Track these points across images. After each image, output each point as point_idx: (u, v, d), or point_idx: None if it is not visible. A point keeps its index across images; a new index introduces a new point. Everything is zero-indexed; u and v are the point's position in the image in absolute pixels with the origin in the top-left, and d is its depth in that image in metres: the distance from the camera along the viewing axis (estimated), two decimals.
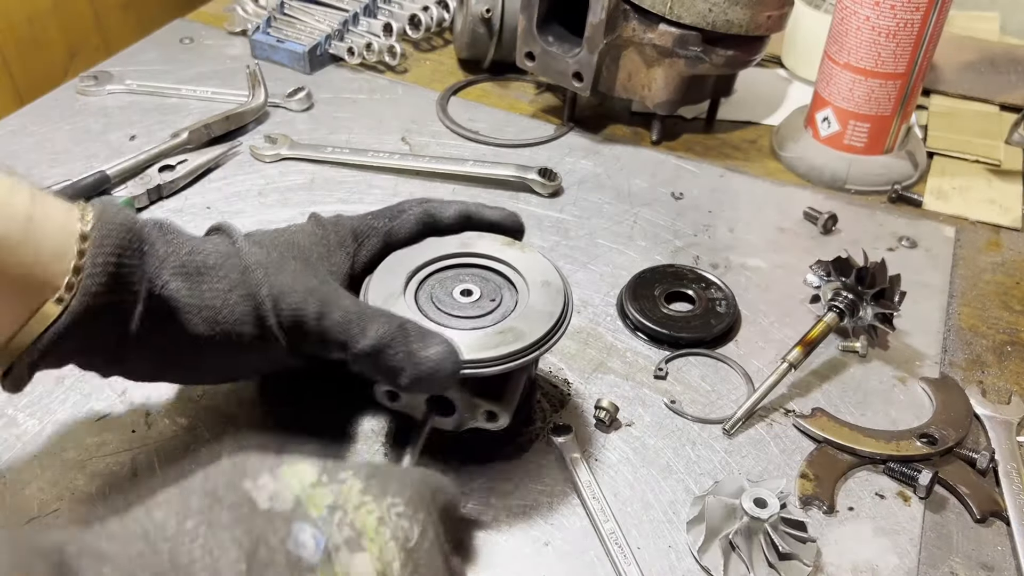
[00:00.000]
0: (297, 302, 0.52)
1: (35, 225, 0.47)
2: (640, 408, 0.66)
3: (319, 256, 0.57)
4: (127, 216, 0.50)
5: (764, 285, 0.78)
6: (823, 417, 0.65)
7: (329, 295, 0.53)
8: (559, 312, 0.56)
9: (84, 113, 0.96)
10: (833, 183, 0.91)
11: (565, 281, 0.58)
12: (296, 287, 0.52)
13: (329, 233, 0.58)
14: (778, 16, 0.89)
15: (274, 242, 0.56)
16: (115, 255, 0.48)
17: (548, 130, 0.98)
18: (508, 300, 0.57)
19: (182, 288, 0.51)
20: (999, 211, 0.88)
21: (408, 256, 0.59)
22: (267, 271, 0.53)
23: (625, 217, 0.86)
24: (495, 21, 1.01)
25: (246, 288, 0.52)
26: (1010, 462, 0.62)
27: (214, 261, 0.53)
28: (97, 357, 0.52)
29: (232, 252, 0.53)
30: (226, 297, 0.52)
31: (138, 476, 0.59)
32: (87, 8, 1.19)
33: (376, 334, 0.51)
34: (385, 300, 0.55)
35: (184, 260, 0.52)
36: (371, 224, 0.60)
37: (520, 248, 0.60)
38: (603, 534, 0.57)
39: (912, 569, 0.56)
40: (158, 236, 0.52)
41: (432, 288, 0.58)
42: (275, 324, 0.52)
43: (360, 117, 0.98)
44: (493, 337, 0.54)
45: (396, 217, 0.60)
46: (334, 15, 1.09)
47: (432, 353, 0.51)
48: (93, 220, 0.49)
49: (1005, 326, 0.75)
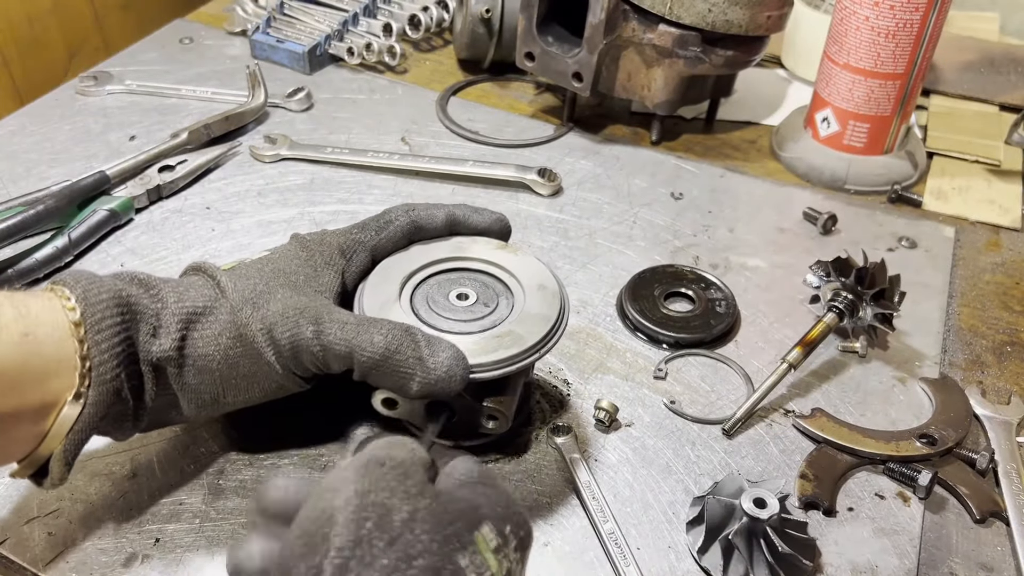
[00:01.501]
0: (291, 328, 0.51)
1: (31, 338, 0.46)
2: (640, 408, 0.66)
3: (306, 278, 0.55)
4: (110, 288, 0.49)
5: (764, 285, 0.78)
6: (823, 417, 0.65)
7: (321, 312, 0.52)
8: (556, 315, 0.56)
9: (84, 113, 0.96)
10: (833, 183, 0.91)
11: (560, 283, 0.58)
12: (287, 313, 0.52)
13: (314, 254, 0.57)
14: (778, 16, 0.89)
15: (259, 272, 0.55)
16: (115, 335, 0.48)
17: (548, 130, 0.98)
18: (504, 304, 0.57)
19: (176, 342, 0.51)
20: (999, 211, 0.88)
21: (401, 262, 0.59)
22: (255, 306, 0.52)
23: (625, 217, 0.86)
24: (495, 21, 1.01)
25: (236, 328, 0.52)
26: (1010, 462, 0.62)
27: (202, 305, 0.52)
28: (116, 428, 0.52)
29: (216, 294, 0.53)
30: (218, 341, 0.52)
31: (138, 476, 0.59)
32: (87, 8, 1.19)
33: (383, 340, 0.50)
34: (381, 307, 0.55)
35: (174, 311, 0.51)
36: (357, 239, 0.58)
37: (513, 251, 0.60)
38: (603, 534, 0.57)
39: (912, 569, 0.56)
40: (142, 295, 0.51)
41: (427, 293, 0.57)
42: (273, 356, 0.52)
43: (360, 117, 0.98)
44: (492, 341, 0.54)
45: (383, 229, 0.59)
46: (334, 15, 1.09)
47: (443, 359, 0.50)
48: (79, 304, 0.48)
49: (1005, 326, 0.75)
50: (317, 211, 0.84)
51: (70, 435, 0.48)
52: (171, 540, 0.55)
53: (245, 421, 0.61)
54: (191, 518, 0.57)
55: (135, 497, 0.58)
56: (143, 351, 0.50)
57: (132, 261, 0.77)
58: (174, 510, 0.57)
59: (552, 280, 0.58)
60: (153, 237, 0.80)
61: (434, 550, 0.39)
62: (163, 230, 0.81)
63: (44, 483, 0.50)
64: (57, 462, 0.49)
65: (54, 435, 0.48)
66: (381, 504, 0.40)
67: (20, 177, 0.86)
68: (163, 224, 0.82)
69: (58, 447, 0.48)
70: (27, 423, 0.47)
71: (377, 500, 0.40)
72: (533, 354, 0.54)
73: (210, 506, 0.57)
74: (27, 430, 0.47)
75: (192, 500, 0.58)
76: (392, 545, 0.38)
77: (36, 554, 0.54)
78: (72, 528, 0.56)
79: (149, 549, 0.55)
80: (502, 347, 0.53)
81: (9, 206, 0.77)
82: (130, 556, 0.54)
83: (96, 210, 0.79)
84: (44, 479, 0.50)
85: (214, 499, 0.58)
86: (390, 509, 0.39)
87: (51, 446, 0.48)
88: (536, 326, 0.55)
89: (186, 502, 0.58)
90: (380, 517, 0.39)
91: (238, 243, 0.80)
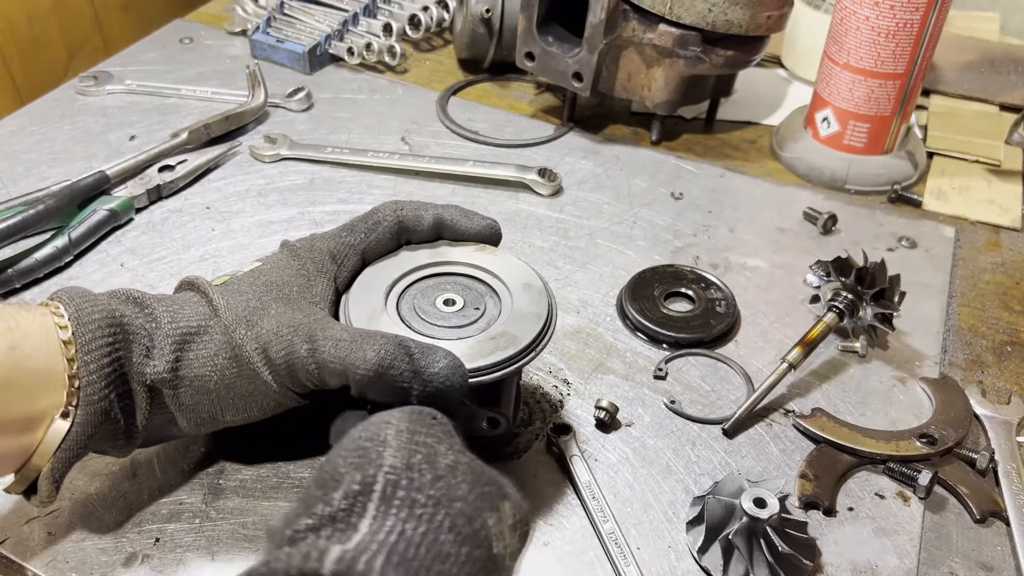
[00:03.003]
0: (285, 347, 0.50)
1: (17, 352, 0.46)
2: (640, 408, 0.66)
3: (299, 288, 0.54)
4: (103, 308, 0.49)
5: (764, 285, 0.78)
6: (823, 417, 0.65)
7: (315, 329, 0.51)
8: (546, 311, 0.55)
9: (84, 113, 0.96)
10: (833, 183, 0.91)
11: (545, 282, 0.58)
12: (281, 331, 0.51)
13: (306, 262, 0.56)
14: (778, 16, 0.89)
15: (252, 287, 0.54)
16: (106, 355, 0.48)
17: (548, 130, 0.98)
18: (492, 305, 0.57)
19: (171, 364, 0.50)
20: (999, 211, 0.88)
21: (382, 270, 0.58)
22: (249, 324, 0.51)
23: (625, 217, 0.86)
24: (495, 21, 1.01)
25: (231, 349, 0.51)
26: (1010, 462, 0.62)
27: (196, 324, 0.51)
28: (111, 447, 0.52)
29: (209, 313, 0.52)
30: (214, 362, 0.51)
31: (138, 476, 0.59)
32: (87, 8, 1.19)
33: (376, 356, 0.49)
34: (369, 317, 0.54)
35: (168, 332, 0.51)
36: (347, 242, 0.57)
37: (493, 252, 0.59)
38: (603, 534, 0.57)
39: (912, 569, 0.56)
40: (137, 314, 0.51)
41: (414, 300, 0.56)
42: (270, 376, 0.51)
43: (360, 117, 0.98)
44: (487, 343, 0.53)
45: (371, 231, 0.58)
46: (334, 15, 1.09)
47: (440, 368, 0.49)
48: (71, 323, 0.48)
49: (1005, 326, 0.75)
50: (317, 211, 0.84)
51: (57, 454, 0.48)
52: (171, 540, 0.55)
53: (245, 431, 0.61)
54: (191, 518, 0.57)
55: (135, 497, 0.58)
56: (137, 372, 0.50)
57: (132, 261, 0.77)
58: (174, 510, 0.57)
59: (536, 278, 0.58)
60: (153, 237, 0.80)
61: (471, 500, 0.40)
62: (163, 230, 0.81)
63: (33, 500, 0.50)
64: (45, 480, 0.49)
65: (42, 452, 0.48)
66: (430, 445, 0.42)
67: (20, 177, 0.86)
68: (163, 224, 0.82)
69: (46, 466, 0.48)
70: (12, 436, 0.47)
71: (427, 441, 0.42)
72: (530, 353, 0.54)
73: (210, 506, 0.57)
74: (13, 442, 0.47)
75: (192, 500, 0.58)
76: (437, 481, 0.40)
77: (36, 554, 0.54)
78: (72, 528, 0.56)
79: (149, 549, 0.55)
80: (498, 349, 0.53)
81: (9, 206, 0.77)
82: (130, 556, 0.54)
83: (96, 210, 0.79)
84: (35, 496, 0.50)
85: (214, 499, 0.58)
86: (437, 453, 0.42)
87: (40, 463, 0.48)
88: (528, 325, 0.54)
89: (186, 502, 0.58)
90: (428, 455, 0.41)
91: (238, 243, 0.80)
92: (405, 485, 0.39)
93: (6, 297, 0.73)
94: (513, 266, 0.59)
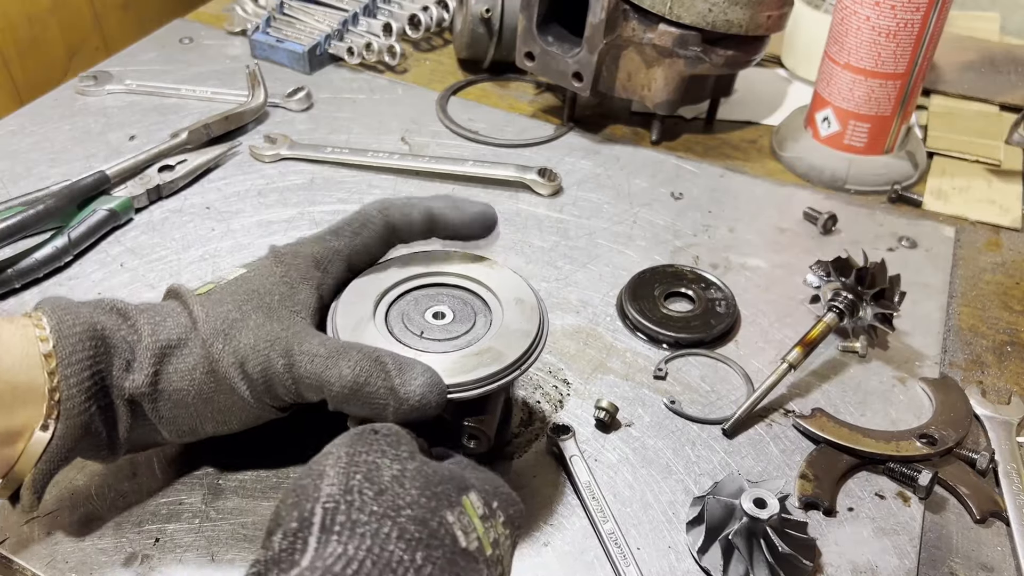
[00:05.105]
0: (262, 362, 0.50)
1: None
2: (640, 408, 0.66)
3: (281, 297, 0.53)
4: (85, 321, 0.49)
5: (764, 285, 0.78)
6: (823, 417, 0.65)
7: (292, 343, 0.50)
8: (536, 329, 0.54)
9: (84, 113, 0.96)
10: (833, 183, 0.91)
11: (539, 297, 0.57)
12: (258, 345, 0.50)
13: (290, 268, 0.55)
14: (778, 16, 0.89)
15: (233, 296, 0.53)
16: (86, 368, 0.48)
17: (548, 130, 0.98)
18: (482, 320, 0.56)
19: (150, 377, 0.50)
20: (999, 211, 0.88)
21: (374, 278, 0.57)
22: (226, 338, 0.51)
23: (625, 217, 0.85)
24: (495, 21, 1.01)
25: (209, 363, 0.51)
26: (1010, 462, 0.62)
27: (176, 337, 0.51)
28: (94, 457, 0.52)
29: (190, 325, 0.52)
30: (192, 376, 0.51)
31: (138, 476, 0.59)
32: (87, 8, 1.19)
33: (351, 373, 0.48)
34: (355, 326, 0.53)
35: (148, 344, 0.50)
36: (332, 247, 0.56)
37: (489, 265, 0.59)
38: (602, 534, 0.57)
39: (912, 569, 0.56)
40: (119, 326, 0.51)
41: (403, 311, 0.56)
42: (247, 391, 0.51)
43: (360, 117, 0.98)
44: (472, 359, 0.52)
45: (358, 234, 0.57)
46: (334, 15, 1.09)
47: (416, 386, 0.48)
48: (52, 336, 0.48)
49: (1005, 326, 0.75)
50: (317, 211, 0.84)
51: (38, 466, 0.48)
52: (171, 540, 0.55)
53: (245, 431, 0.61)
54: (191, 518, 0.57)
55: (135, 497, 0.58)
56: (116, 386, 0.50)
57: (132, 261, 0.77)
58: (174, 510, 0.57)
59: (530, 293, 0.57)
60: (153, 237, 0.80)
61: (422, 504, 0.41)
62: (163, 230, 0.81)
63: (17, 508, 0.50)
64: (27, 491, 0.49)
65: (25, 462, 0.48)
66: (372, 462, 0.42)
67: (20, 177, 0.86)
68: (163, 224, 0.82)
69: (27, 477, 0.48)
70: None
71: (368, 459, 0.42)
72: (515, 370, 0.52)
73: (210, 506, 0.57)
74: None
75: (192, 500, 0.58)
76: (381, 495, 0.40)
77: (36, 554, 0.54)
78: (72, 528, 0.56)
79: (149, 549, 0.55)
80: (481, 365, 0.52)
81: (9, 206, 0.77)
82: (130, 556, 0.54)
83: (96, 210, 0.79)
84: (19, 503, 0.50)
85: (214, 499, 0.58)
86: (380, 466, 0.42)
87: (23, 472, 0.48)
88: (516, 341, 0.53)
89: (186, 502, 0.58)
90: (369, 471, 0.41)
91: (238, 243, 0.80)
92: (344, 509, 0.39)
93: (6, 297, 0.73)
94: (508, 280, 0.58)
